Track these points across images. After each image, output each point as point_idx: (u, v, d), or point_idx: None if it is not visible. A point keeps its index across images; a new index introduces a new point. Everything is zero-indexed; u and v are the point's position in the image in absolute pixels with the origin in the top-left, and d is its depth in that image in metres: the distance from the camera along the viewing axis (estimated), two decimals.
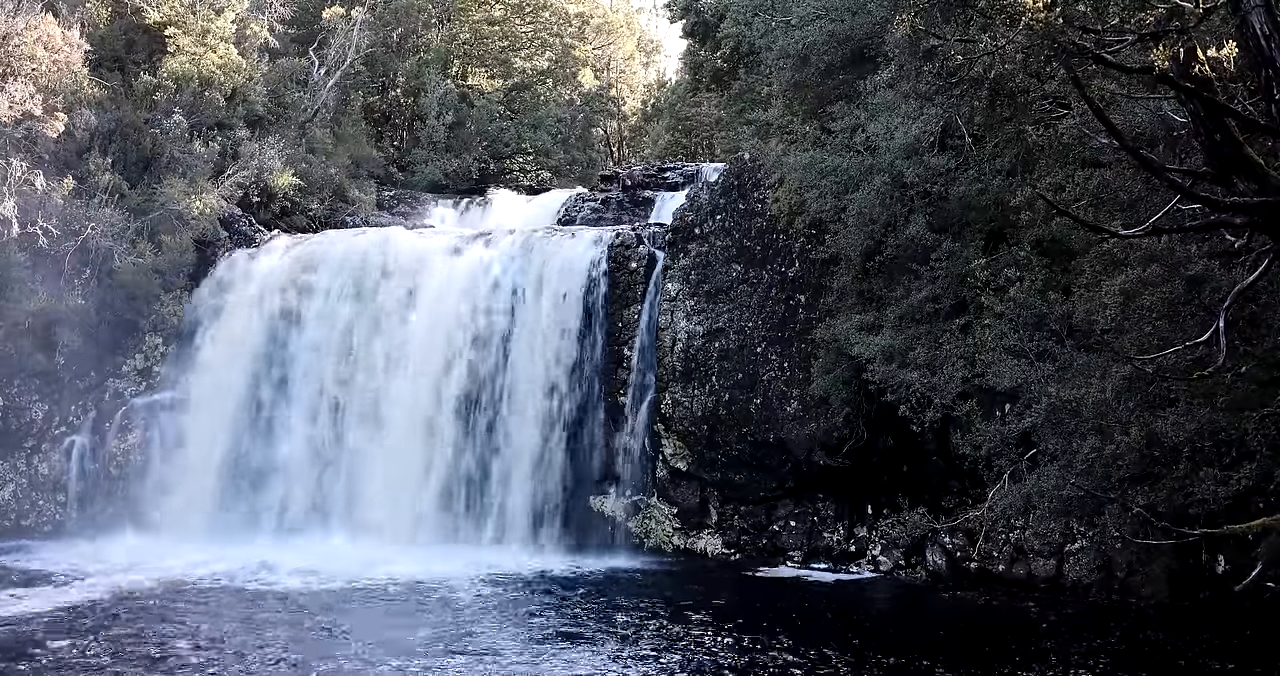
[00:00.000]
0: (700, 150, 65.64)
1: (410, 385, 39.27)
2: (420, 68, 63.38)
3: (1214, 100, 16.38)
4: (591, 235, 40.74)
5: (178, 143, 44.71)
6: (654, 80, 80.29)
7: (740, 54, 49.65)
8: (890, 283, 32.06)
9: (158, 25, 48.12)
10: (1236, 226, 19.89)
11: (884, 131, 31.39)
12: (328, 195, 50.96)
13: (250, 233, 44.70)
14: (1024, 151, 29.57)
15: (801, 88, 36.59)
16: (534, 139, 63.15)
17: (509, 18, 68.20)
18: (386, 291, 40.63)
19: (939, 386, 29.70)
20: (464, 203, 54.16)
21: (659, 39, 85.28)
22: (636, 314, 38.72)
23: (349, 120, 57.24)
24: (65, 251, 40.56)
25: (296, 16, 57.55)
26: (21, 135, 40.79)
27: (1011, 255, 29.39)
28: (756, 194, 37.42)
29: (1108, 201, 24.47)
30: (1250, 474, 22.23)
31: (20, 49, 41.81)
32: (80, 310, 40.50)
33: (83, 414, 40.64)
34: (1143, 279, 22.61)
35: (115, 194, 42.48)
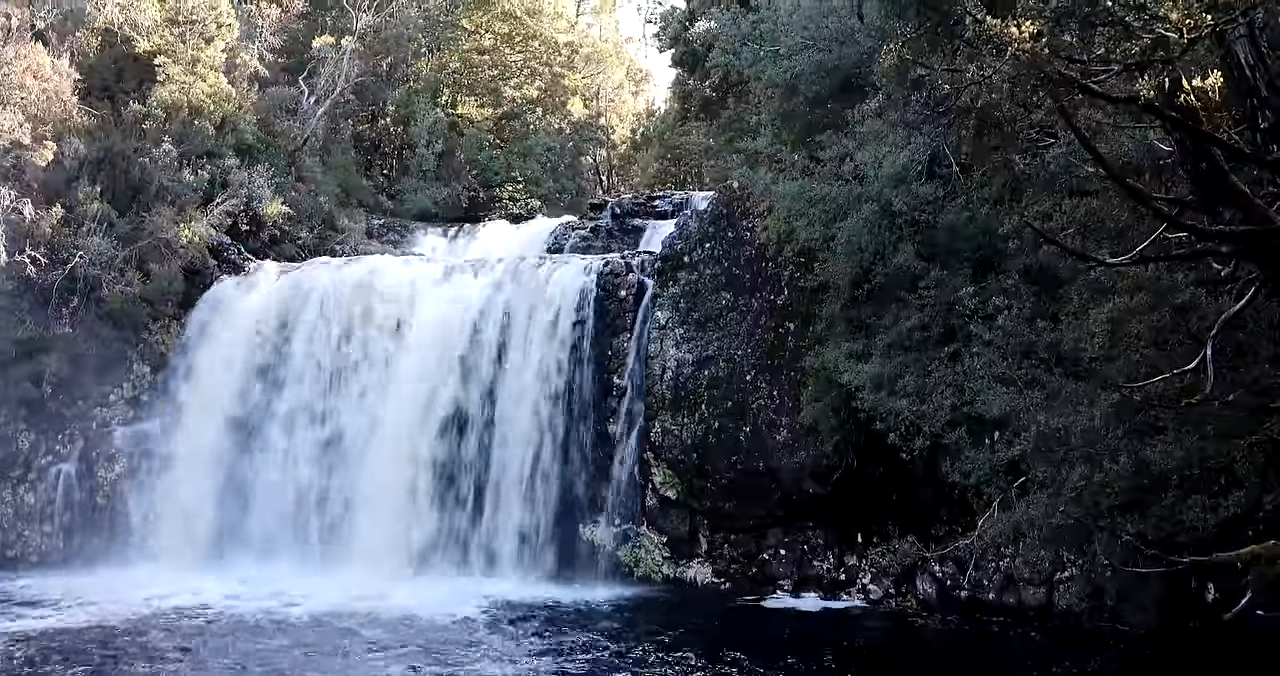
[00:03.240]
0: (689, 179, 65.75)
1: (398, 413, 39.18)
2: (410, 97, 63.49)
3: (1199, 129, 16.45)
4: (581, 263, 40.76)
5: (167, 171, 44.68)
6: (643, 109, 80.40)
7: (729, 83, 49.80)
8: (879, 311, 32.08)
9: (147, 54, 48.15)
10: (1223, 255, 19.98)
11: (872, 160, 31.47)
12: (317, 224, 50.97)
13: (239, 261, 44.64)
14: (1011, 180, 29.63)
15: (790, 117, 36.70)
16: (523, 167, 63.19)
17: (499, 47, 68.34)
18: (375, 320, 40.60)
19: (928, 414, 29.68)
20: (453, 231, 54.20)
21: (648, 68, 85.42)
22: (626, 342, 38.71)
23: (338, 149, 57.34)
24: (53, 280, 40.49)
25: (286, 46, 57.68)
26: (10, 164, 40.76)
27: (1000, 283, 29.41)
28: (745, 222, 37.47)
29: (1095, 230, 24.51)
30: (1239, 501, 22.21)
31: (9, 78, 41.83)
32: (68, 339, 40.45)
33: (70, 443, 40.47)
34: (1130, 307, 22.62)
35: (104, 222, 42.39)
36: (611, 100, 76.62)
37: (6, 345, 39.48)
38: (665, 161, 67.41)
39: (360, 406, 39.80)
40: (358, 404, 39.86)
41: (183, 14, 49.16)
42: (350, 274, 42.26)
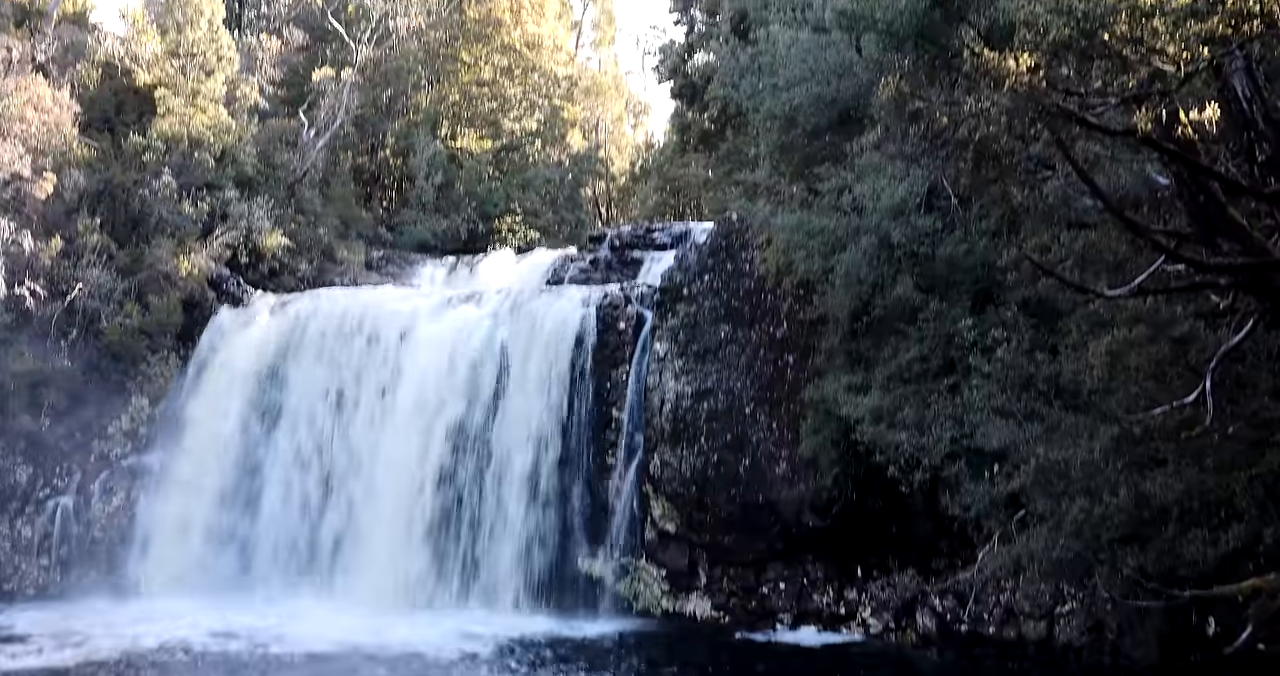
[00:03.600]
0: (688, 210, 65.87)
1: (396, 446, 39.08)
2: (409, 129, 63.62)
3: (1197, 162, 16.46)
4: (580, 295, 40.71)
5: (166, 203, 44.73)
6: (642, 141, 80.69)
7: (728, 115, 49.90)
8: (878, 343, 32.02)
9: (148, 86, 48.30)
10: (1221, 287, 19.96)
11: (870, 192, 31.45)
12: (316, 255, 50.98)
13: (238, 293, 44.67)
14: (1009, 212, 29.60)
15: (788, 149, 36.70)
16: (523, 199, 63.27)
17: (498, 79, 68.48)
18: (374, 351, 40.56)
19: (927, 447, 29.58)
20: (452, 263, 54.19)
21: (647, 101, 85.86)
22: (625, 374, 38.63)
23: (338, 181, 57.42)
24: (53, 312, 40.52)
25: (286, 78, 57.86)
26: (10, 196, 40.84)
27: (998, 316, 29.36)
28: (744, 254, 37.46)
29: (1093, 262, 24.47)
30: (1239, 534, 22.12)
31: (10, 110, 41.93)
32: (67, 371, 40.44)
33: (67, 476, 40.40)
34: (1129, 339, 22.56)
35: (103, 254, 42.45)
36: (611, 132, 76.92)
37: (5, 378, 39.48)
38: (664, 193, 67.57)
39: (359, 439, 39.71)
40: (356, 437, 39.77)
41: (183, 47, 49.34)
42: (349, 306, 42.23)
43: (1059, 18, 15.80)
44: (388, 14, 64.10)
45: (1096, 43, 15.78)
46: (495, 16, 66.71)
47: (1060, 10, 15.83)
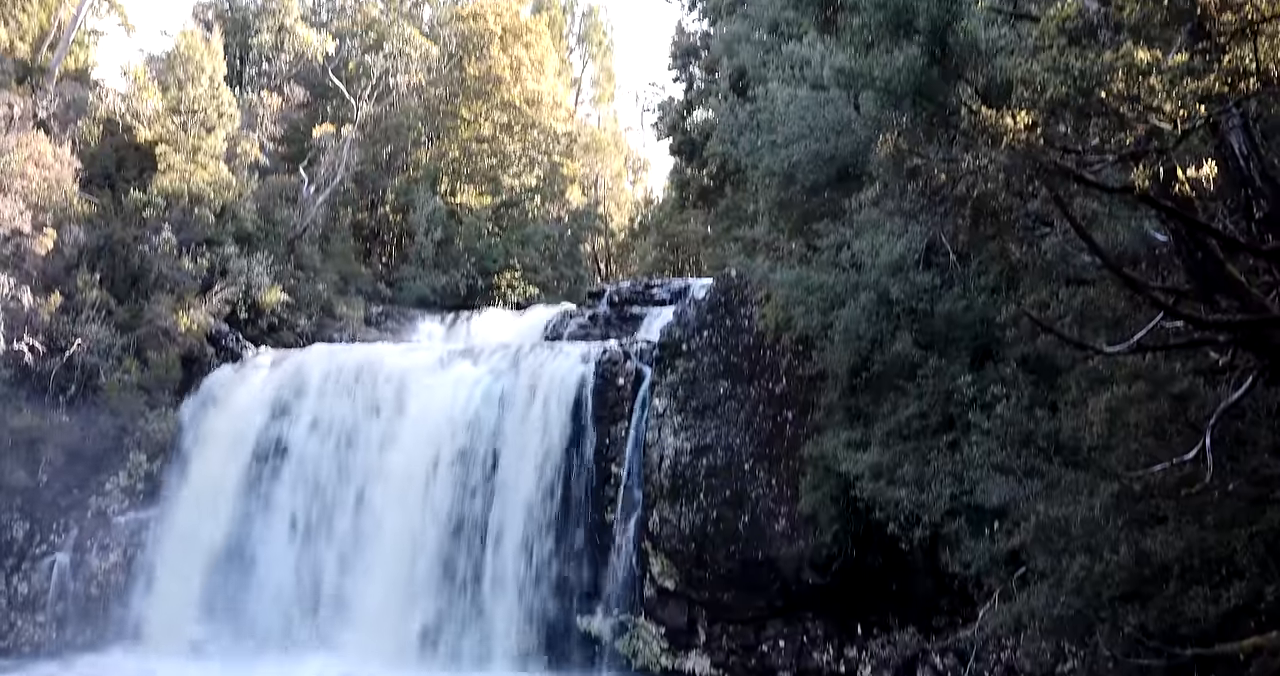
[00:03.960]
0: (687, 266, 66.06)
1: (395, 501, 39.04)
2: (409, 185, 63.88)
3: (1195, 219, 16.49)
4: (579, 351, 40.75)
5: (166, 259, 44.83)
6: (641, 197, 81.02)
7: (726, 172, 50.05)
8: (877, 399, 31.98)
9: (149, 143, 48.51)
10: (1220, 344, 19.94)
11: (869, 249, 31.49)
12: (316, 311, 51.07)
13: (237, 349, 44.69)
14: (1008, 269, 29.62)
15: (787, 205, 36.78)
16: (522, 255, 63.42)
17: (498, 136, 68.79)
18: (372, 408, 40.54)
19: (927, 503, 29.46)
20: (451, 318, 54.30)
21: (646, 157, 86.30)
22: (624, 430, 38.59)
23: (338, 237, 57.58)
24: (51, 368, 40.52)
25: (287, 134, 58.10)
26: (10, 251, 40.89)
27: (998, 372, 29.32)
28: (744, 310, 37.50)
29: (1092, 319, 24.46)
30: (1240, 592, 21.99)
31: (11, 166, 42.07)
32: (65, 427, 40.36)
33: (64, 532, 40.25)
34: (1128, 396, 22.51)
35: (102, 310, 42.51)
36: (610, 188, 77.23)
37: (3, 433, 39.41)
38: (663, 249, 67.80)
39: (357, 494, 39.65)
40: (354, 492, 39.70)
41: (185, 104, 49.59)
42: (347, 361, 42.26)
43: (1056, 76, 15.87)
44: (388, 71, 64.45)
45: (1093, 101, 15.83)
46: (495, 74, 67.10)
47: (1057, 69, 15.90)
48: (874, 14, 19.54)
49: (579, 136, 73.59)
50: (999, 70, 18.14)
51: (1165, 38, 16.17)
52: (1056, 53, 16.27)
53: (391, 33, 66.33)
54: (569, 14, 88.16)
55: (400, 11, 70.60)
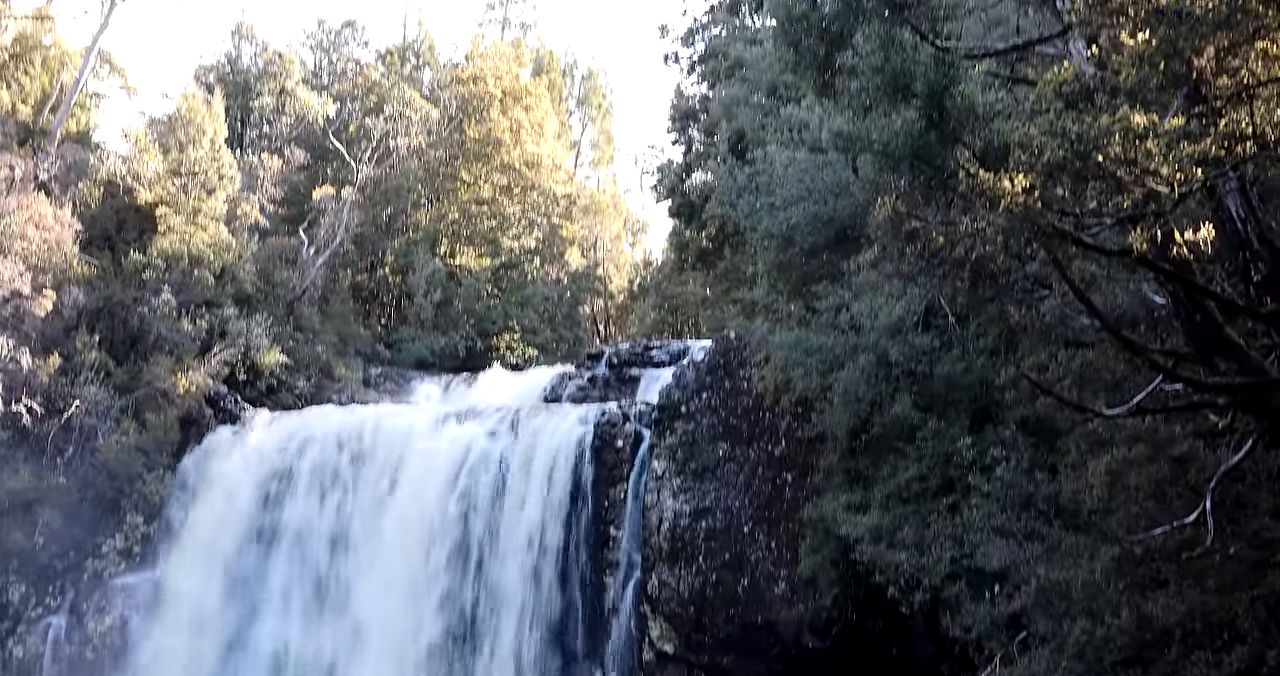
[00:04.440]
0: (686, 328, 66.02)
1: (393, 564, 38.89)
2: (409, 247, 63.98)
3: (1193, 282, 16.51)
4: (578, 413, 40.70)
5: (165, 320, 44.85)
6: (640, 259, 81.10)
7: (725, 234, 50.17)
8: (877, 461, 31.91)
9: (149, 205, 48.66)
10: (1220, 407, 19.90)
11: (868, 311, 31.52)
12: (314, 372, 51.02)
13: (235, 410, 44.63)
14: (1007, 331, 29.63)
15: (786, 267, 36.85)
16: (521, 317, 63.42)
17: (498, 198, 68.95)
18: (370, 470, 40.49)
19: (928, 567, 29.34)
20: (450, 380, 54.21)
21: (645, 219, 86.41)
22: (623, 492, 38.48)
23: (337, 298, 57.63)
24: (49, 429, 40.45)
25: (287, 196, 58.25)
26: (9, 313, 40.91)
27: (997, 434, 29.27)
28: (743, 372, 37.47)
29: (1091, 381, 24.43)
30: (1242, 657, 21.84)
31: (11, 228, 42.17)
32: (62, 489, 40.24)
33: (60, 595, 40.05)
34: (1128, 459, 22.45)
35: (101, 371, 42.50)
36: (609, 250, 77.33)
37: (1, 496, 39.25)
38: (662, 311, 67.77)
39: (354, 557, 39.49)
40: (352, 554, 39.55)
41: (185, 166, 49.76)
42: (345, 423, 42.21)
43: (1053, 139, 15.92)
44: (388, 134, 64.71)
45: (1091, 164, 15.88)
46: (495, 136, 67.37)
47: (1054, 132, 15.95)
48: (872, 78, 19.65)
49: (578, 198, 73.79)
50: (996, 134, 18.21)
51: (1161, 102, 16.24)
52: (1053, 116, 16.34)
53: (392, 96, 66.69)
54: (569, 77, 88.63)
55: (401, 75, 71.03)
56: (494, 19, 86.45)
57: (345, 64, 72.23)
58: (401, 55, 73.35)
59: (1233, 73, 15.37)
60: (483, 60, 70.59)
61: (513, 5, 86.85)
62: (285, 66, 64.04)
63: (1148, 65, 15.52)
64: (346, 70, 71.64)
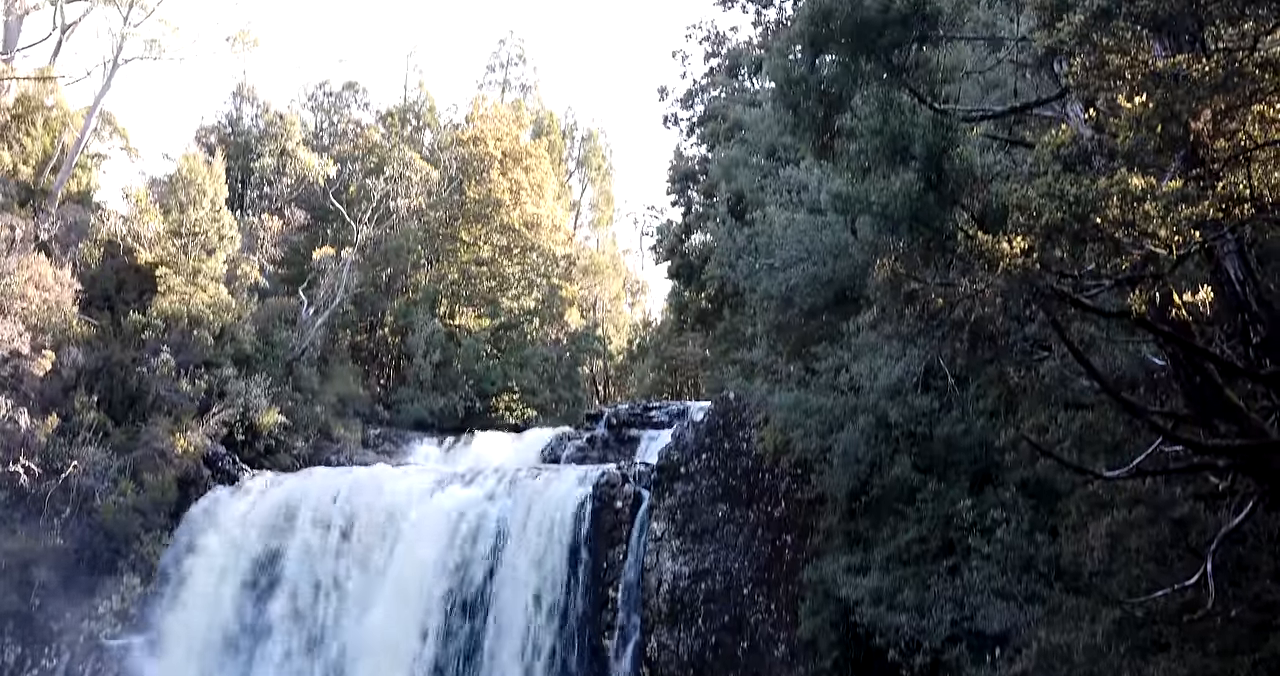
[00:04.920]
0: (686, 389, 66.02)
1: (390, 626, 38.64)
2: (408, 307, 64.07)
3: (1192, 344, 16.52)
4: (577, 474, 40.61)
5: (164, 381, 44.84)
6: (640, 319, 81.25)
7: (725, 295, 50.24)
8: (877, 523, 31.81)
9: (149, 265, 48.75)
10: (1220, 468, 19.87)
11: (867, 372, 31.51)
12: (313, 433, 50.99)
13: (233, 471, 44.54)
14: (1006, 393, 29.58)
15: (785, 328, 36.87)
16: (520, 377, 63.41)
17: (497, 259, 69.14)
18: (368, 531, 40.32)
19: (928, 629, 29.19)
20: (449, 441, 54.16)
21: (645, 280, 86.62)
22: (622, 554, 38.31)
23: (336, 358, 57.64)
24: (47, 490, 40.32)
25: (287, 257, 58.42)
26: (8, 373, 40.90)
27: (997, 496, 29.21)
28: (742, 433, 37.41)
29: (1091, 443, 24.40)
30: None
31: (11, 288, 42.21)
32: (59, 550, 40.06)
33: (56, 657, 39.75)
34: (1129, 521, 22.40)
35: (99, 432, 42.43)
36: (608, 311, 77.46)
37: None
38: (662, 372, 67.81)
39: (352, 620, 39.27)
40: (350, 617, 39.34)
41: (186, 226, 49.89)
42: (344, 484, 42.10)
43: (1051, 202, 15.98)
44: (388, 195, 64.95)
45: (1089, 226, 15.92)
46: (495, 197, 67.64)
47: (1052, 194, 16.01)
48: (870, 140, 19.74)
49: (578, 259, 73.98)
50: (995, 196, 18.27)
51: (1159, 164, 16.31)
52: (1052, 178, 16.40)
53: (392, 157, 67.01)
54: (569, 138, 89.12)
55: (401, 136, 71.38)
56: (494, 81, 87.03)
57: (346, 125, 72.62)
58: (402, 117, 73.73)
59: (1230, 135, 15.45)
60: (483, 122, 70.98)
61: (513, 68, 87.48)
62: (286, 128, 64.36)
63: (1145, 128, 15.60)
64: (347, 131, 72.01)
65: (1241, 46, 15.43)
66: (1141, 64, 15.71)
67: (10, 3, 50.92)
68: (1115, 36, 15.96)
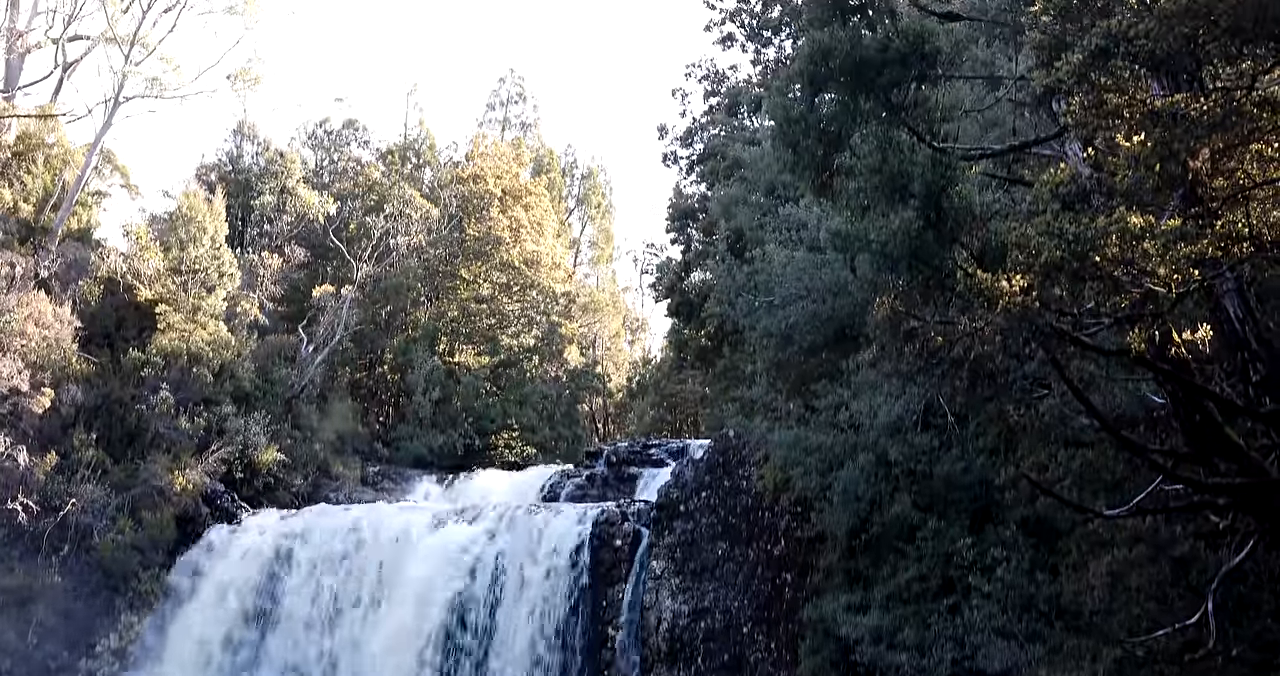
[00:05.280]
0: (685, 427, 65.97)
1: (389, 662, 38.49)
2: (408, 344, 64.06)
3: (1192, 382, 16.52)
4: (576, 512, 40.53)
5: (163, 418, 44.81)
6: (639, 357, 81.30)
7: (724, 332, 50.26)
8: (877, 561, 31.72)
9: (149, 302, 48.77)
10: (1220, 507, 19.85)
11: (867, 410, 31.49)
12: (312, 470, 50.92)
13: (232, 509, 44.46)
14: (1006, 431, 29.57)
15: (785, 366, 36.86)
16: (520, 415, 63.37)
17: (497, 296, 69.19)
18: (366, 569, 40.23)
19: (929, 669, 29.07)
20: (448, 478, 54.08)
21: (644, 317, 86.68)
22: (621, 592, 38.20)
23: (335, 396, 57.60)
24: (45, 527, 40.22)
25: (287, 294, 58.49)
26: (7, 410, 40.88)
27: (998, 535, 29.15)
28: (742, 471, 37.35)
29: (1091, 481, 24.40)
30: None
31: (11, 325, 42.22)
32: (57, 587, 39.93)
33: None
34: (1129, 559, 22.39)
35: (98, 469, 42.37)
36: (608, 348, 77.52)
37: None
38: (661, 409, 67.77)
39: (351, 657, 39.12)
40: (349, 654, 39.19)
41: (186, 264, 49.96)
42: (342, 522, 42.03)
43: (1050, 240, 16.02)
44: (388, 232, 65.08)
45: (1088, 264, 15.96)
46: (495, 235, 67.74)
47: (1051, 233, 16.05)
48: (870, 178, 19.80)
49: (577, 297, 74.07)
50: (994, 234, 18.30)
51: (1158, 203, 16.36)
52: (1051, 217, 16.44)
53: (392, 194, 67.17)
54: (568, 176, 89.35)
55: (401, 173, 71.55)
56: (494, 119, 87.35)
57: (346, 163, 72.83)
58: (402, 154, 73.93)
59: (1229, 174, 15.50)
60: (483, 160, 71.15)
61: (513, 106, 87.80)
62: (287, 165, 64.56)
63: (1144, 167, 15.65)
64: (347, 169, 72.21)
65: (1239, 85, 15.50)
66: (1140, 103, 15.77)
67: (12, 41, 51.10)
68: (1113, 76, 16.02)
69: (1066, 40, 17.06)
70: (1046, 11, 17.52)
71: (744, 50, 59.69)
